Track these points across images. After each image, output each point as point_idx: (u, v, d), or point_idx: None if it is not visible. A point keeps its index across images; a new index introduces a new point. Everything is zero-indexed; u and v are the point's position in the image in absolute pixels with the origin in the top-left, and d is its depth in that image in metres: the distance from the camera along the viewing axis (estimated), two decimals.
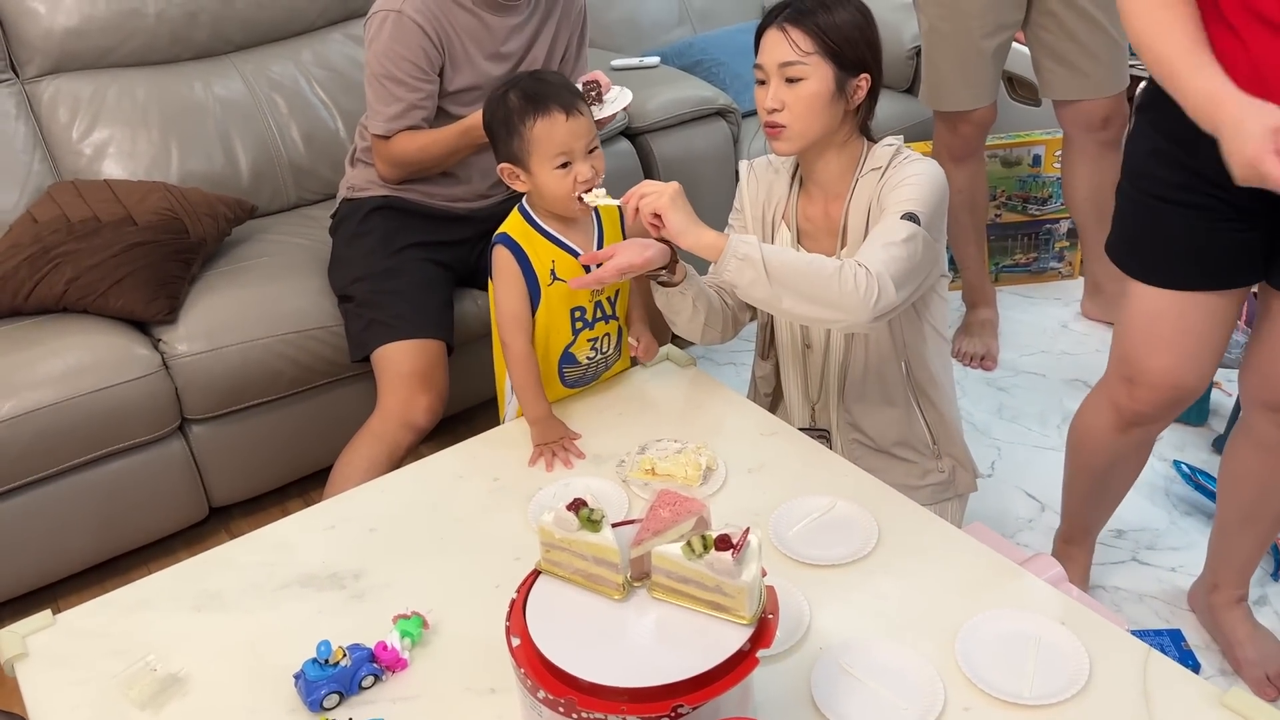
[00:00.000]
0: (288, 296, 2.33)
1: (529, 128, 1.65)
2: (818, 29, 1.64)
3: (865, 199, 1.69)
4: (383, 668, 1.29)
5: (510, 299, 1.74)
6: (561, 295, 1.75)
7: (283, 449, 2.40)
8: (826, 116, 1.66)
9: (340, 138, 2.79)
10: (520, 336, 1.74)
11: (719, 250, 1.53)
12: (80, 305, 2.22)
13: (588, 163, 1.67)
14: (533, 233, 1.73)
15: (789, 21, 1.65)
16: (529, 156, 1.67)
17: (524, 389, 1.75)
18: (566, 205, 1.69)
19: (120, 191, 2.38)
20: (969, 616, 1.31)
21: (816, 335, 1.82)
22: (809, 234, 1.77)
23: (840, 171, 1.71)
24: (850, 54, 1.66)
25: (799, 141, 1.68)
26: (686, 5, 3.46)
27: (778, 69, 1.65)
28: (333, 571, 1.49)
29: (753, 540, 1.10)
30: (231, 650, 1.37)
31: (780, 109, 1.65)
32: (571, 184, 1.66)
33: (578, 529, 1.13)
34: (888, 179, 1.67)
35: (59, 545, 2.21)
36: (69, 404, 2.10)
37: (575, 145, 1.65)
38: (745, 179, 1.84)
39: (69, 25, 2.57)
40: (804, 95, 1.64)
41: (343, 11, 2.92)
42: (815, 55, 1.63)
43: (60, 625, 1.44)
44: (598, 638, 1.10)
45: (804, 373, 1.86)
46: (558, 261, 1.73)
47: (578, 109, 1.66)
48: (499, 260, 1.74)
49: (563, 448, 1.70)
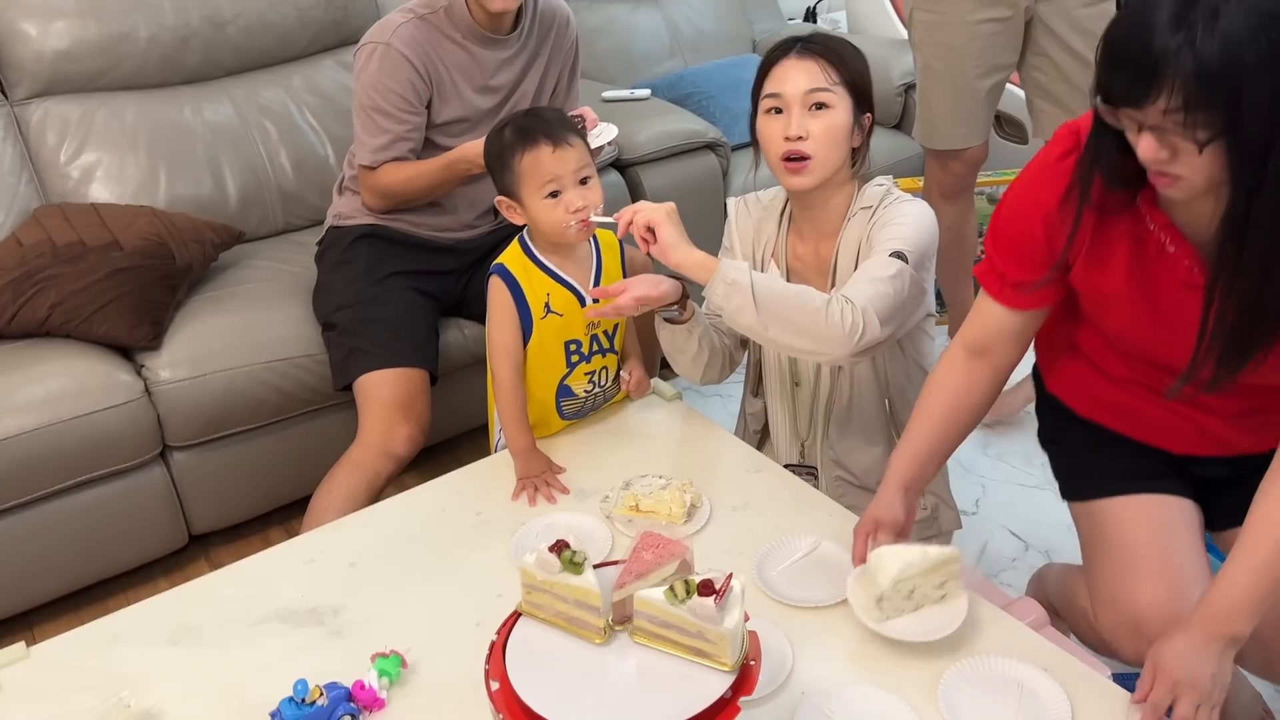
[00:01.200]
0: (273, 324, 2.32)
1: (518, 160, 1.67)
2: (838, 57, 1.65)
3: (855, 238, 1.70)
4: (360, 707, 1.28)
5: (500, 330, 1.74)
6: (555, 328, 1.75)
7: (265, 477, 2.38)
8: (843, 150, 1.66)
9: (330, 164, 2.79)
10: (508, 367, 1.74)
11: (709, 271, 1.53)
12: (63, 330, 2.20)
13: (578, 192, 1.67)
14: (530, 265, 1.74)
15: (807, 51, 1.65)
16: (520, 188, 1.68)
17: (509, 421, 1.75)
18: (561, 234, 1.69)
19: (107, 216, 2.37)
20: (952, 662, 1.30)
21: (805, 372, 1.82)
22: (798, 272, 1.77)
23: (835, 211, 1.72)
24: (863, 90, 1.67)
25: (821, 173, 1.65)
26: (678, 38, 3.48)
27: (803, 96, 1.63)
28: (311, 606, 1.48)
29: (735, 586, 1.09)
30: (207, 687, 1.35)
31: (805, 137, 1.62)
32: (562, 213, 1.66)
33: (560, 571, 1.13)
34: (878, 218, 1.67)
35: (36, 572, 2.18)
36: (50, 430, 2.08)
37: (563, 174, 1.66)
38: (734, 216, 1.84)
39: (60, 48, 2.57)
40: (830, 125, 1.63)
41: (334, 39, 2.92)
42: (840, 86, 1.64)
43: (34, 658, 1.42)
44: (578, 682, 1.09)
45: (792, 409, 1.86)
46: (553, 295, 1.74)
47: (567, 140, 1.67)
48: (492, 291, 1.75)
49: (545, 482, 1.69)
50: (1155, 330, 1.36)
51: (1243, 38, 1.03)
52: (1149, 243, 1.31)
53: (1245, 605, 1.22)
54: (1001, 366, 1.50)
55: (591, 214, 1.67)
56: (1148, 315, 1.35)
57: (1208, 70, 1.04)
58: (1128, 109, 1.12)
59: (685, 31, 3.49)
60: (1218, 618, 1.23)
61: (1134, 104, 1.10)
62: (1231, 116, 1.06)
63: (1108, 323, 1.42)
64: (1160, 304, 1.33)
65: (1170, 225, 1.29)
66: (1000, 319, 1.46)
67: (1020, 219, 1.39)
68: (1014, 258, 1.41)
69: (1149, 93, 1.08)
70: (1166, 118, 1.08)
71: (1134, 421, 1.50)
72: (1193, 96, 1.05)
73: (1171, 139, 1.11)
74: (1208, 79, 1.04)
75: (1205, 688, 1.18)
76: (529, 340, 1.75)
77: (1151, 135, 1.12)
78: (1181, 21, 1.05)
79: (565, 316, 1.75)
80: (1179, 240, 1.28)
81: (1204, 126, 1.07)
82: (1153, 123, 1.11)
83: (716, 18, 3.57)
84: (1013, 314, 1.45)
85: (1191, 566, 1.41)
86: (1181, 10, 1.05)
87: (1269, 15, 1.03)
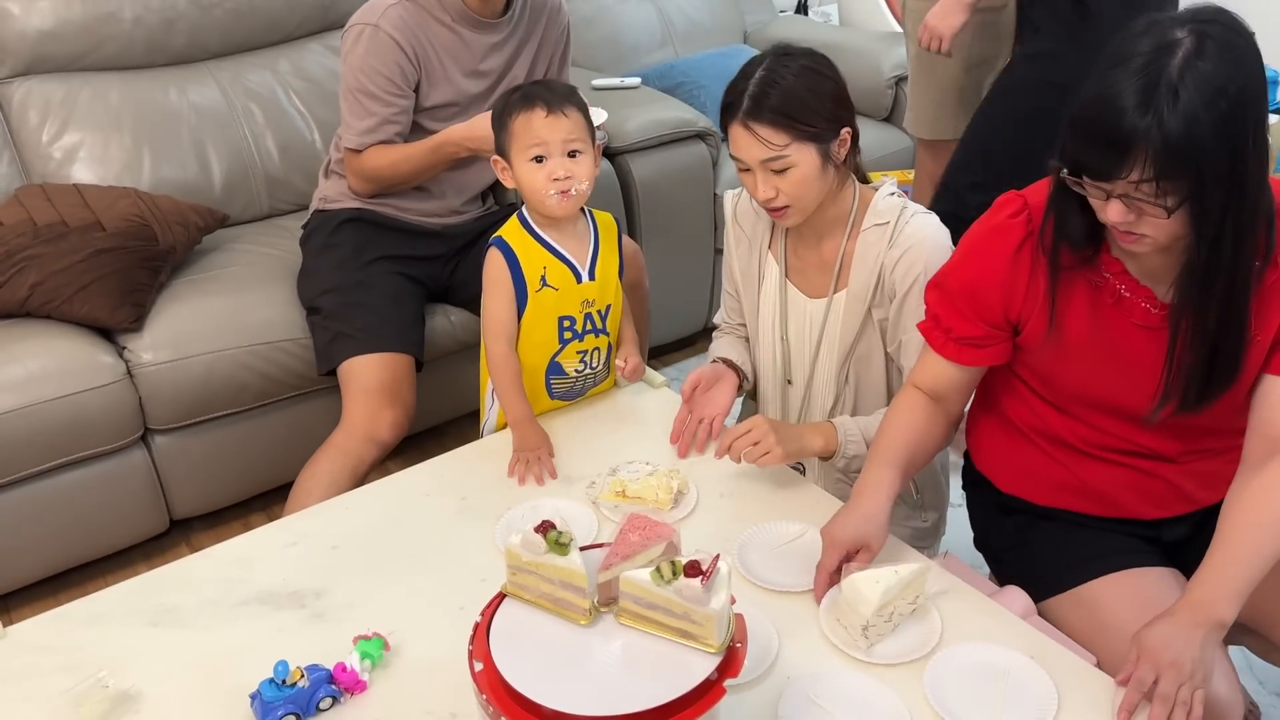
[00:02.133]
0: (256, 307, 2.30)
1: (513, 119, 1.69)
2: (784, 117, 1.55)
3: (873, 256, 1.66)
4: (341, 690, 1.27)
5: (496, 303, 1.75)
6: (550, 302, 1.75)
7: (247, 462, 2.36)
8: (822, 184, 1.62)
9: (316, 148, 2.76)
10: (501, 341, 1.75)
11: (832, 449, 1.64)
12: (44, 311, 2.18)
13: (563, 161, 1.68)
14: (528, 238, 1.75)
15: (752, 119, 1.56)
16: (510, 147, 1.70)
17: (504, 391, 1.76)
18: (540, 201, 1.70)
19: (89, 196, 2.34)
20: (938, 649, 1.30)
21: (798, 372, 1.81)
22: (798, 269, 1.76)
23: (837, 214, 1.69)
24: (825, 123, 1.58)
25: (804, 212, 1.64)
26: (669, 27, 3.47)
27: (760, 164, 1.59)
28: (293, 589, 1.46)
29: (722, 568, 1.08)
30: (187, 668, 1.34)
31: (775, 196, 1.60)
32: (543, 179, 1.67)
33: (545, 552, 1.11)
34: (897, 242, 1.64)
35: (14, 555, 2.16)
36: (29, 410, 2.06)
37: (550, 140, 1.67)
38: (731, 213, 1.81)
39: (43, 27, 2.54)
40: (795, 180, 1.59)
41: (321, 22, 2.90)
42: (796, 142, 1.56)
43: (11, 638, 1.40)
44: (563, 664, 1.08)
45: (783, 408, 1.85)
46: (549, 268, 1.74)
47: (563, 110, 1.67)
48: (489, 263, 1.75)
49: (538, 460, 1.69)
50: (1117, 374, 1.42)
51: (1200, 113, 1.16)
52: (1105, 289, 1.40)
53: (1230, 592, 1.25)
54: (954, 413, 1.58)
55: (574, 188, 1.68)
56: (1109, 360, 1.42)
57: (1175, 145, 1.16)
58: (1099, 182, 1.23)
59: (677, 21, 3.48)
60: (1203, 605, 1.25)
61: (1106, 178, 1.21)
62: (1195, 183, 1.19)
63: (1068, 375, 1.46)
64: (1119, 347, 1.41)
65: (1125, 272, 1.38)
66: (947, 371, 1.52)
67: (972, 276, 1.46)
68: (964, 314, 1.47)
69: (1122, 168, 1.19)
70: (1138, 188, 1.20)
71: (1103, 493, 1.51)
72: (1162, 169, 1.17)
73: (1139, 204, 1.22)
74: (1175, 152, 1.16)
75: (1187, 669, 1.20)
76: (524, 312, 1.75)
77: (1120, 201, 1.23)
78: (1149, 103, 1.16)
79: (560, 291, 1.75)
80: (1134, 285, 1.38)
81: (1173, 194, 1.19)
82: (1121, 192, 1.21)
83: (708, 8, 3.55)
84: (957, 368, 1.51)
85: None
86: (1146, 93, 1.17)
87: (1217, 89, 1.16)
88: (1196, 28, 1.19)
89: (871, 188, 1.72)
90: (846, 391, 1.77)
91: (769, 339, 1.81)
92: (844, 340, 1.72)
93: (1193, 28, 1.19)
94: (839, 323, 1.72)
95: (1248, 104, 1.19)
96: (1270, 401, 1.33)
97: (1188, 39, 1.18)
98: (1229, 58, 1.18)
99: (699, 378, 1.76)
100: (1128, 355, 1.40)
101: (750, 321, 1.84)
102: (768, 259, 1.78)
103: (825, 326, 1.73)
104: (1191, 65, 1.16)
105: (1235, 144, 1.19)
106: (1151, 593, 1.44)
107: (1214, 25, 1.20)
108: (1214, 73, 1.16)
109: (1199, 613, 1.24)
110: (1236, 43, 1.19)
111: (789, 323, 1.78)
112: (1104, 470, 1.50)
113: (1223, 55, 1.17)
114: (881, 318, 1.69)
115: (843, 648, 1.31)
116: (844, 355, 1.73)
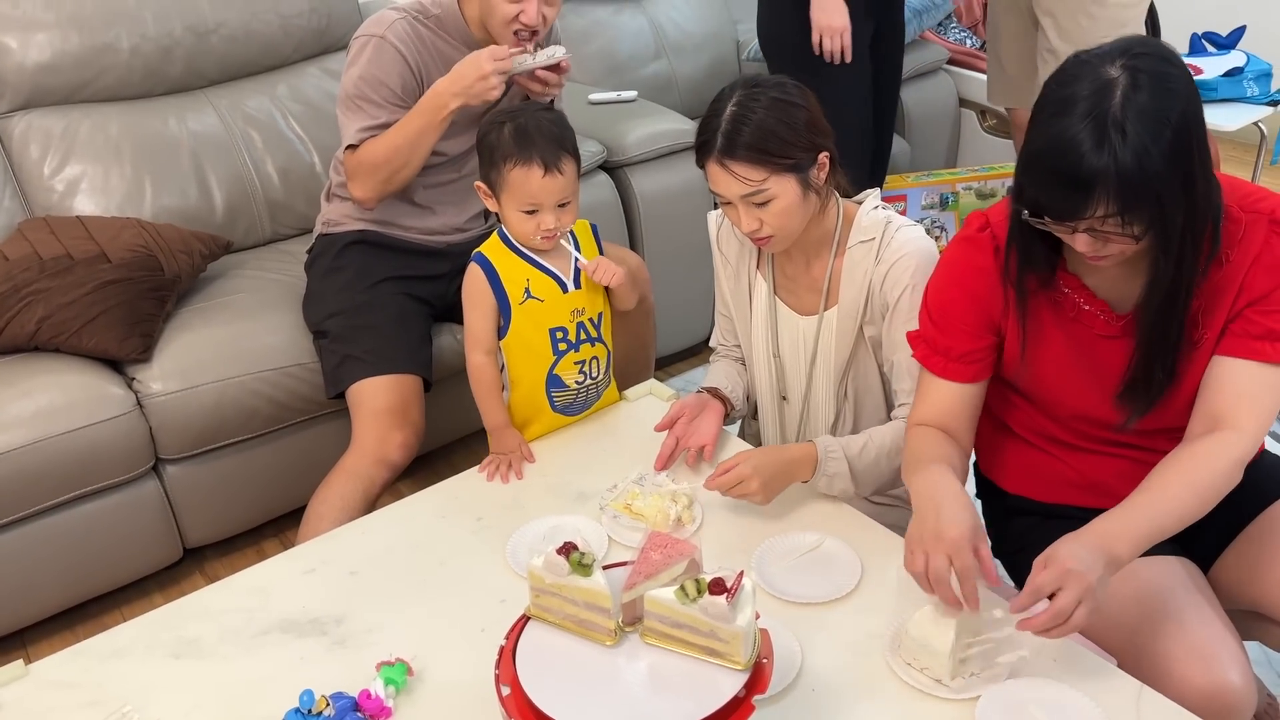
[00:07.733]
0: (264, 333, 2.31)
1: (508, 169, 1.72)
2: (759, 152, 1.53)
3: (861, 272, 1.66)
4: (367, 717, 1.27)
5: (473, 316, 1.80)
6: (537, 314, 1.77)
7: (259, 489, 2.36)
8: (805, 211, 1.61)
9: (316, 172, 2.77)
10: (477, 351, 1.81)
11: (810, 472, 1.61)
12: (52, 344, 2.18)
13: (554, 214, 1.74)
14: (508, 253, 1.79)
15: (727, 156, 1.54)
16: (501, 193, 1.75)
17: (482, 399, 1.82)
18: (525, 239, 1.77)
19: (93, 228, 2.34)
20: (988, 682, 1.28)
21: (792, 388, 1.81)
22: (786, 287, 1.76)
23: (820, 236, 1.69)
24: (801, 153, 1.56)
25: (790, 240, 1.64)
26: (662, 38, 3.48)
27: (739, 199, 1.57)
28: (313, 617, 1.46)
29: (746, 584, 1.09)
30: (212, 700, 1.34)
31: (759, 227, 1.60)
32: (533, 228, 1.74)
33: (568, 573, 1.12)
34: (884, 257, 1.64)
35: (29, 590, 2.16)
36: (41, 445, 2.06)
37: (545, 200, 1.72)
38: (715, 234, 1.82)
39: (41, 60, 2.54)
40: (777, 210, 1.57)
41: (318, 46, 2.90)
42: (771, 177, 1.55)
43: (33, 675, 1.40)
44: (590, 685, 1.08)
45: (780, 424, 1.85)
46: (533, 280, 1.78)
47: (559, 168, 1.71)
48: (469, 278, 1.80)
49: (508, 464, 1.74)
50: (1090, 383, 1.46)
51: (1149, 145, 1.20)
52: (1065, 304, 1.45)
53: (1136, 533, 1.28)
54: (965, 446, 1.54)
55: (561, 240, 1.76)
56: (1082, 370, 1.46)
57: (1132, 179, 1.20)
58: (1064, 221, 1.27)
59: (670, 32, 3.48)
60: (1108, 535, 1.27)
61: (1070, 218, 1.26)
62: (1156, 209, 1.23)
63: (1049, 388, 1.50)
64: (1087, 357, 1.45)
65: (1082, 286, 1.44)
66: (951, 395, 1.52)
67: (953, 292, 1.51)
68: (955, 331, 1.50)
69: (1086, 208, 1.23)
70: (1103, 223, 1.24)
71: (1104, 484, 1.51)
72: (1124, 203, 1.22)
73: (1105, 235, 1.26)
74: (1133, 186, 1.21)
75: (1091, 585, 1.21)
76: (509, 327, 1.78)
77: (1086, 234, 1.27)
78: (1103, 142, 1.20)
79: (546, 302, 1.78)
80: (1091, 298, 1.43)
81: (1138, 223, 1.24)
82: (1087, 227, 1.26)
83: (700, 18, 3.56)
84: (962, 388, 1.52)
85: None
86: (1098, 134, 1.20)
87: (1159, 119, 1.21)
88: (1128, 63, 1.23)
89: (855, 202, 1.71)
90: (846, 407, 1.77)
91: (762, 356, 1.81)
92: (839, 357, 1.72)
93: (1124, 63, 1.23)
94: (832, 340, 1.72)
95: (1189, 126, 1.23)
96: (1213, 382, 1.36)
97: (1122, 76, 1.22)
98: (1164, 89, 1.22)
99: (683, 408, 1.75)
100: (1096, 364, 1.45)
101: (744, 340, 1.84)
102: (756, 278, 1.78)
103: (819, 344, 1.74)
104: (1131, 101, 1.21)
105: (1185, 166, 1.23)
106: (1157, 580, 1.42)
107: (1144, 58, 1.24)
108: (1153, 105, 1.21)
109: (1105, 540, 1.26)
110: (1169, 71, 1.24)
111: (781, 339, 1.78)
112: (1102, 462, 1.52)
113: (1157, 86, 1.22)
114: (873, 335, 1.69)
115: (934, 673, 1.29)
116: (840, 372, 1.73)
